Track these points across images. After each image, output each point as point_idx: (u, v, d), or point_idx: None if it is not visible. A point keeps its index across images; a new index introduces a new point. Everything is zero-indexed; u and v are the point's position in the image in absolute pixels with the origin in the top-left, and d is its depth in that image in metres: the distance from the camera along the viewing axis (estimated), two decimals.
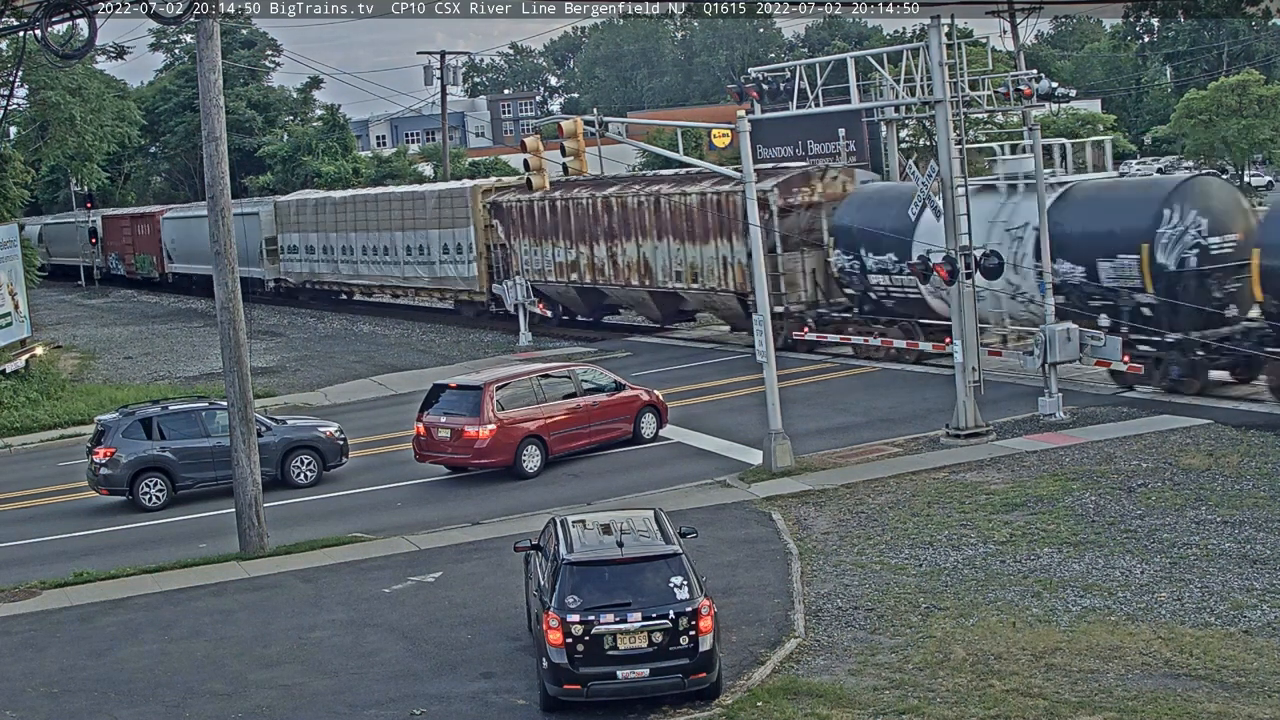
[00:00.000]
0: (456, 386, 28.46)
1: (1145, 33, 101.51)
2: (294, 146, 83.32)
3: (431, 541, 23.53)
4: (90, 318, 66.19)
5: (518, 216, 45.89)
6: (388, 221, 50.95)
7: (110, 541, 26.09)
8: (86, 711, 17.24)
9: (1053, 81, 30.56)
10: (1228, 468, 23.51)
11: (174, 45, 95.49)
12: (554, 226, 44.37)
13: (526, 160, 28.34)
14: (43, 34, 21.65)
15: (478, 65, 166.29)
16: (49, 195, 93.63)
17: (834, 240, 35.89)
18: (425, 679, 17.32)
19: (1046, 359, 28.28)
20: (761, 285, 26.96)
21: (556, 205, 44.04)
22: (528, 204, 44.92)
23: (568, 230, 43.95)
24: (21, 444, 36.42)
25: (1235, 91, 67.74)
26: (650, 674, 15.49)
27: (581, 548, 16.23)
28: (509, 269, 45.89)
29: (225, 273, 23.70)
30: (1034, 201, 29.34)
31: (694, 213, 38.91)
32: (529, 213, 45.34)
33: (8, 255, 43.33)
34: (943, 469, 25.13)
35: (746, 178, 27.00)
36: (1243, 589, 18.08)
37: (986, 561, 19.92)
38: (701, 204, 38.61)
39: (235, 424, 23.71)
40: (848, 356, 35.87)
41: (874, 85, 41.01)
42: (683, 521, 19.55)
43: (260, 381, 38.29)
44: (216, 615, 20.57)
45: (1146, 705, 14.90)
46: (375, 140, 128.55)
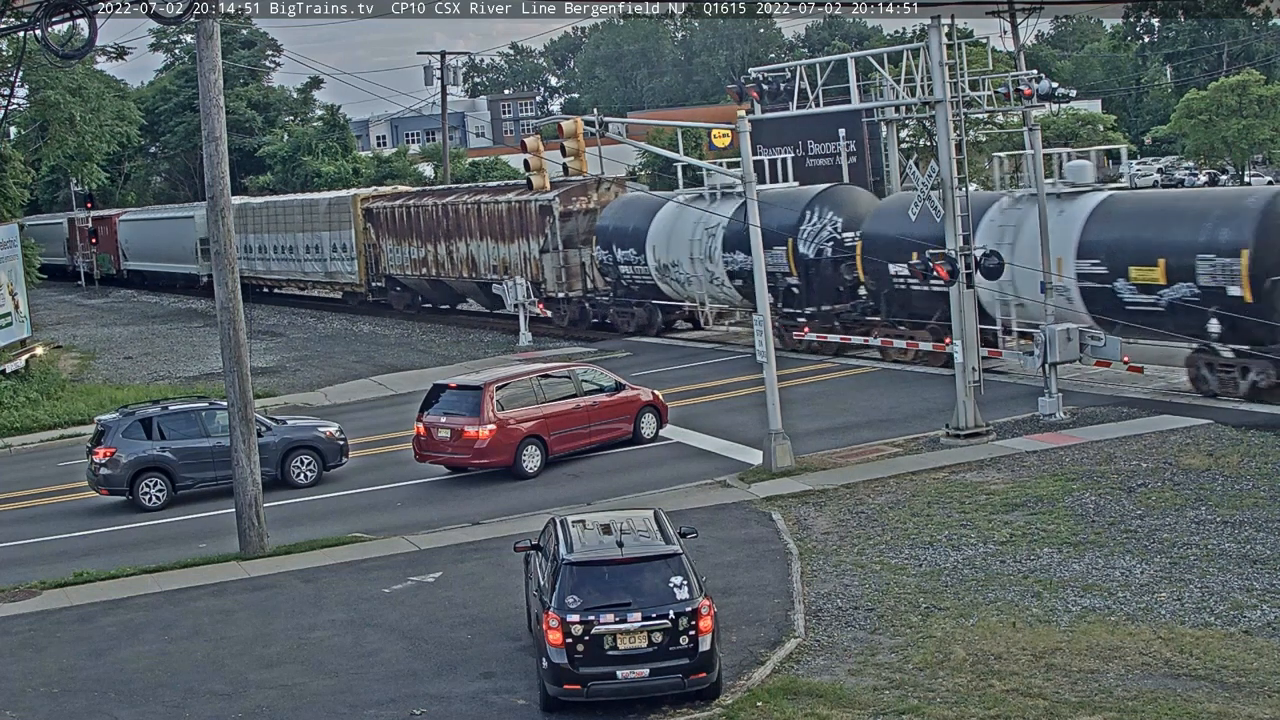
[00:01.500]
0: (456, 386, 28.47)
1: (1145, 33, 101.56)
2: (294, 146, 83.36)
3: (431, 541, 23.53)
4: (90, 318, 66.18)
5: (384, 220, 53.24)
6: (293, 225, 57.68)
7: (110, 541, 26.09)
8: (86, 711, 17.24)
9: (1053, 81, 30.53)
10: (1228, 468, 23.51)
11: (174, 45, 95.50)
12: (409, 229, 51.87)
13: (527, 160, 28.34)
14: (43, 34, 21.65)
15: (478, 65, 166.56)
16: (49, 195, 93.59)
17: (596, 239, 44.13)
18: (425, 679, 17.32)
19: (1046, 359, 28.29)
20: (761, 285, 26.94)
21: (411, 210, 51.61)
22: (390, 209, 52.64)
23: (419, 232, 51.41)
24: (21, 444, 36.42)
25: (1235, 91, 67.80)
26: (650, 674, 15.49)
27: (581, 548, 16.23)
28: (379, 265, 53.73)
29: (225, 273, 23.70)
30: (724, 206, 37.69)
31: (504, 218, 46.95)
32: (391, 217, 52.78)
33: (8, 255, 43.34)
34: (943, 469, 25.13)
35: (746, 178, 26.99)
36: (1243, 589, 18.08)
37: (986, 561, 19.92)
38: (509, 211, 46.61)
39: (235, 424, 23.71)
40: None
41: (874, 85, 40.99)
42: (683, 521, 19.54)
43: (260, 381, 38.29)
44: (216, 615, 20.57)
45: (1146, 705, 14.90)
46: (375, 140, 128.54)
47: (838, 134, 40.72)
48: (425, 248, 51.05)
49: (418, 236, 51.36)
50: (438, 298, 53.91)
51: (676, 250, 40.69)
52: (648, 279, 42.27)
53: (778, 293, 36.40)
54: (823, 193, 37.23)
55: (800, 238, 36.48)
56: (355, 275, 55.04)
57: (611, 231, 43.39)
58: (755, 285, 27.16)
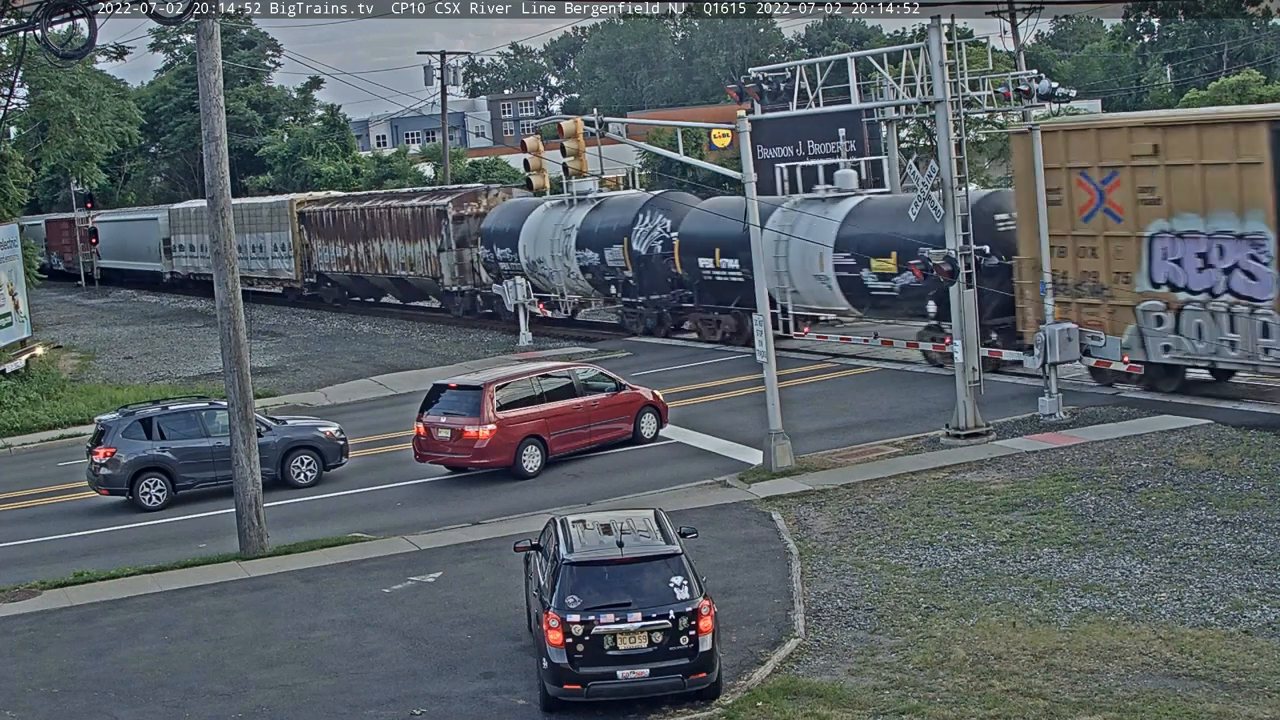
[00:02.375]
0: (456, 386, 28.47)
1: (1145, 33, 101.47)
2: (294, 146, 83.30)
3: (431, 541, 23.53)
4: (90, 318, 66.18)
5: (315, 223, 58.62)
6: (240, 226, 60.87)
7: (110, 541, 26.10)
8: (86, 711, 17.25)
9: (1053, 81, 30.51)
10: (1228, 468, 23.51)
11: (174, 45, 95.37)
12: (335, 230, 57.15)
13: (527, 160, 28.35)
14: (43, 34, 21.64)
15: (478, 65, 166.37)
16: (49, 195, 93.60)
17: (480, 239, 49.20)
18: (425, 679, 17.33)
19: (1046, 359, 28.29)
20: (761, 285, 26.96)
21: (336, 214, 57.23)
22: (320, 213, 58.27)
23: (343, 233, 56.67)
24: (21, 444, 36.43)
25: (1235, 91, 67.71)
26: (650, 674, 15.50)
27: (581, 548, 16.24)
28: (311, 263, 59.16)
29: (225, 273, 23.70)
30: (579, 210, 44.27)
31: (409, 221, 52.15)
32: (321, 220, 58.23)
33: (8, 255, 43.35)
34: (943, 469, 25.13)
35: (746, 178, 27.00)
36: (1243, 589, 18.08)
37: (986, 561, 19.92)
38: (412, 215, 51.85)
39: (235, 424, 23.71)
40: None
41: (874, 85, 40.94)
42: (683, 521, 19.54)
43: (260, 381, 38.28)
44: (216, 615, 20.57)
45: (1146, 705, 14.90)
46: (375, 140, 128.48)
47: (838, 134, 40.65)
48: (348, 247, 56.41)
49: (342, 237, 56.66)
50: (361, 291, 59.16)
51: (542, 249, 45.76)
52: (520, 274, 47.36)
53: (618, 284, 42.81)
54: (654, 198, 42.79)
55: (634, 237, 41.89)
56: (292, 272, 60.38)
57: (493, 233, 48.48)
58: (755, 285, 27.17)
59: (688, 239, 39.88)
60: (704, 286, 39.97)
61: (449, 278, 50.28)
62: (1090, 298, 29.76)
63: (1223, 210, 27.11)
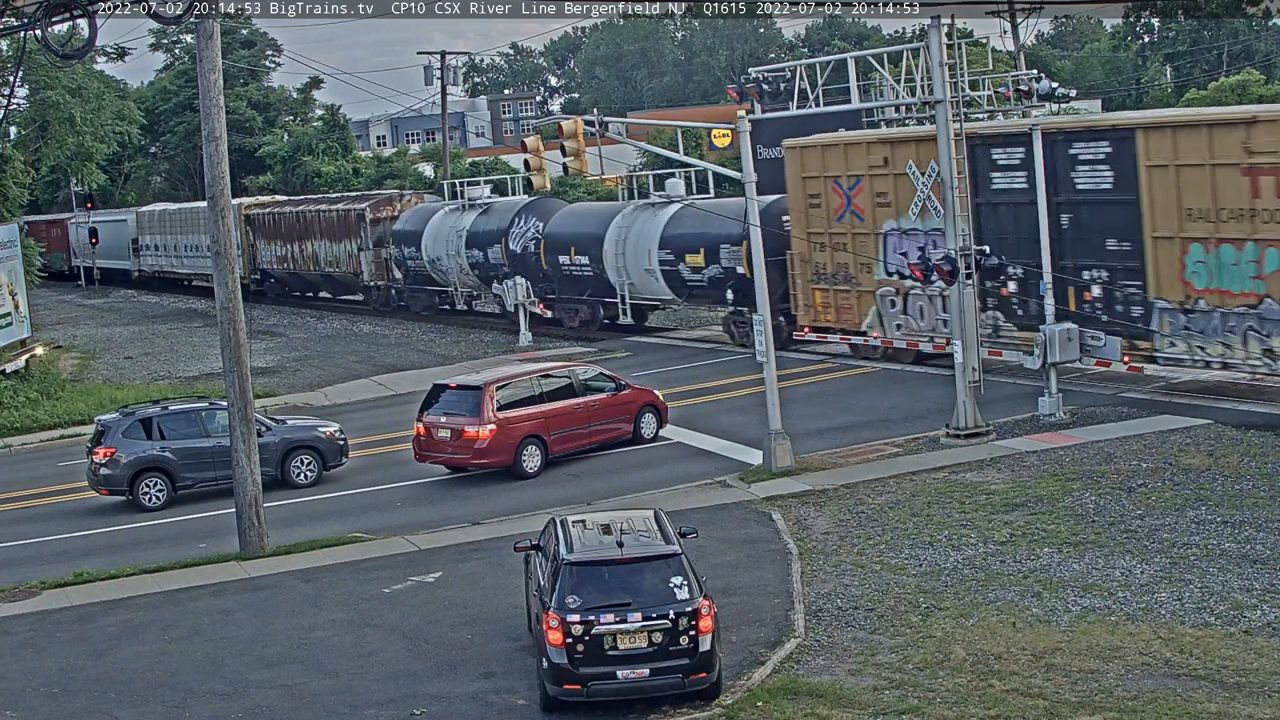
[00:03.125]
0: (456, 386, 28.47)
1: (1145, 33, 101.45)
2: (294, 146, 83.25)
3: (431, 541, 23.53)
4: (90, 318, 66.17)
5: (258, 224, 63.87)
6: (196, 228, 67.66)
7: (110, 541, 26.10)
8: (86, 711, 17.25)
9: (1053, 81, 30.55)
10: (1228, 468, 23.51)
11: (174, 45, 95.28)
12: (276, 231, 62.28)
13: (527, 160, 28.33)
14: (43, 34, 21.63)
15: (478, 65, 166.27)
16: (49, 195, 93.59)
17: (392, 240, 54.89)
18: (425, 679, 17.33)
19: (1046, 359, 28.29)
20: (761, 285, 26.95)
21: (275, 216, 62.66)
22: (262, 215, 63.68)
23: (281, 234, 61.87)
24: (21, 444, 36.42)
25: (1235, 91, 67.67)
26: (650, 674, 15.49)
27: (581, 548, 16.24)
28: (256, 261, 64.20)
29: (225, 273, 23.71)
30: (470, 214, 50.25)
31: (335, 223, 57.78)
32: (263, 221, 63.41)
33: (8, 255, 43.33)
34: (943, 469, 25.13)
35: (746, 178, 27.00)
36: (1243, 589, 18.08)
37: (986, 561, 19.92)
38: (337, 218, 57.42)
39: (235, 424, 23.71)
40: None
41: (874, 85, 40.97)
42: (683, 521, 19.53)
43: (260, 381, 38.28)
44: (216, 615, 20.57)
45: (1146, 705, 14.90)
46: (375, 140, 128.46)
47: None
48: (286, 247, 61.69)
49: (281, 238, 61.92)
50: (298, 287, 64.58)
51: (439, 248, 51.21)
52: (424, 271, 53.00)
53: (499, 278, 47.64)
54: (529, 204, 47.81)
55: (510, 238, 47.46)
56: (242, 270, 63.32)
57: (402, 234, 54.09)
58: (755, 285, 27.17)
59: (550, 239, 45.82)
60: (563, 280, 45.84)
61: (368, 274, 56.17)
62: (843, 285, 35.59)
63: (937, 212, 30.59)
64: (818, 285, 36.07)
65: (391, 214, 55.57)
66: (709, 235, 39.02)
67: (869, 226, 34.28)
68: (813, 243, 35.77)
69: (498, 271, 47.68)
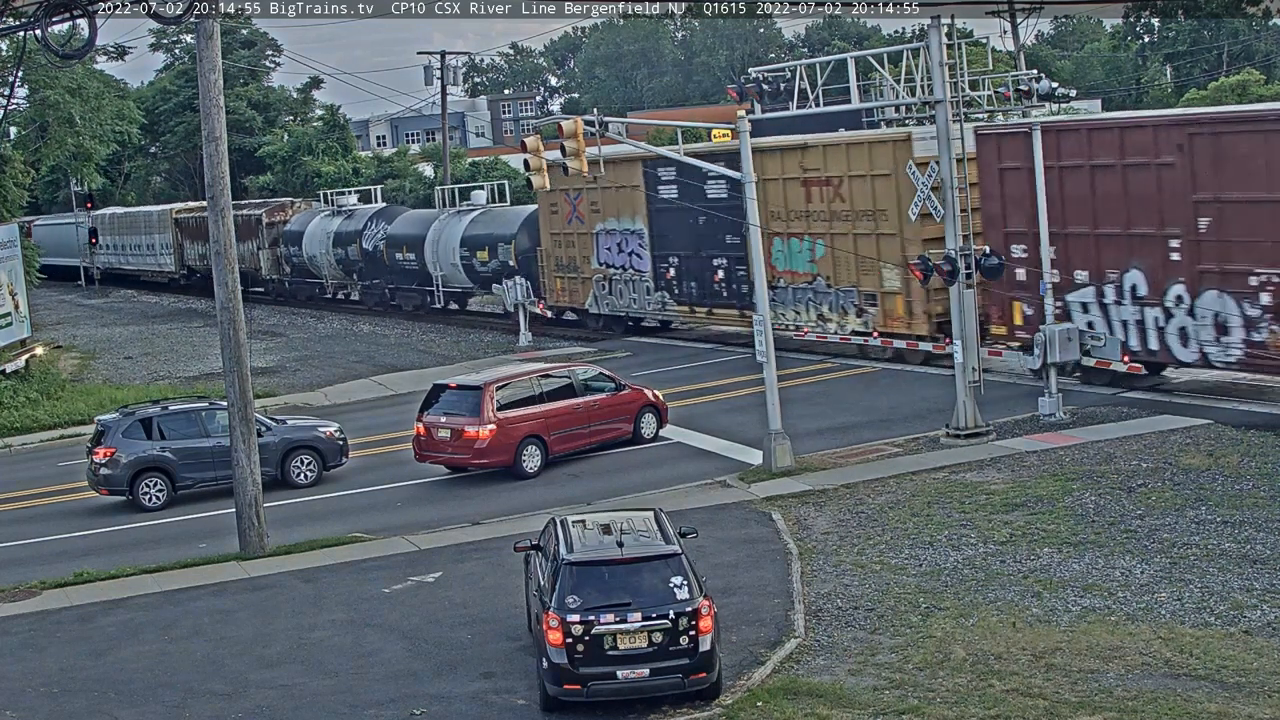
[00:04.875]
0: (456, 386, 28.47)
1: (1145, 33, 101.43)
2: (294, 146, 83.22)
3: (431, 541, 23.54)
4: (90, 318, 66.21)
5: (185, 227, 71.90)
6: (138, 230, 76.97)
7: (110, 541, 26.10)
8: (86, 711, 17.25)
9: (1053, 81, 30.52)
10: (1228, 468, 23.51)
11: (174, 45, 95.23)
12: (197, 233, 68.66)
13: (527, 160, 28.31)
14: (43, 34, 21.62)
15: (478, 65, 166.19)
16: (49, 195, 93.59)
17: (282, 240, 63.38)
18: (425, 679, 17.33)
19: (1046, 359, 28.30)
20: (761, 285, 26.96)
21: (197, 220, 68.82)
22: (188, 219, 71.33)
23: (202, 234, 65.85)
24: (21, 444, 36.42)
25: (1235, 91, 67.66)
26: (650, 674, 15.50)
27: (581, 548, 16.24)
28: (184, 258, 72.47)
29: (225, 273, 23.71)
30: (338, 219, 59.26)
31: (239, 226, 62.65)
32: (189, 224, 71.21)
33: (8, 255, 43.33)
34: (943, 469, 25.13)
35: (746, 178, 27.00)
36: (1243, 589, 18.08)
37: (986, 561, 19.92)
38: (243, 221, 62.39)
39: (235, 424, 23.71)
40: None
41: (874, 85, 40.95)
42: (683, 521, 19.54)
43: (260, 381, 38.28)
44: (216, 615, 20.57)
45: (1146, 705, 14.90)
46: (375, 140, 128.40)
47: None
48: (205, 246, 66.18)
49: (201, 238, 67.58)
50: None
51: (314, 247, 59.93)
52: (305, 266, 61.76)
53: (358, 273, 57.29)
54: (380, 210, 57.66)
55: (364, 238, 56.20)
56: (172, 266, 73.94)
57: (289, 235, 62.71)
58: (755, 286, 27.17)
59: (391, 240, 54.88)
60: (400, 273, 54.90)
61: (265, 268, 64.91)
62: (571, 274, 45.79)
63: (627, 217, 43.11)
64: (557, 274, 46.41)
65: (284, 218, 63.98)
66: (493, 236, 49.26)
67: (588, 228, 44.63)
68: (554, 241, 46.23)
69: (356, 267, 57.39)
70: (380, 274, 55.86)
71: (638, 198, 42.17)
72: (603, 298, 44.27)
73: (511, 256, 47.68)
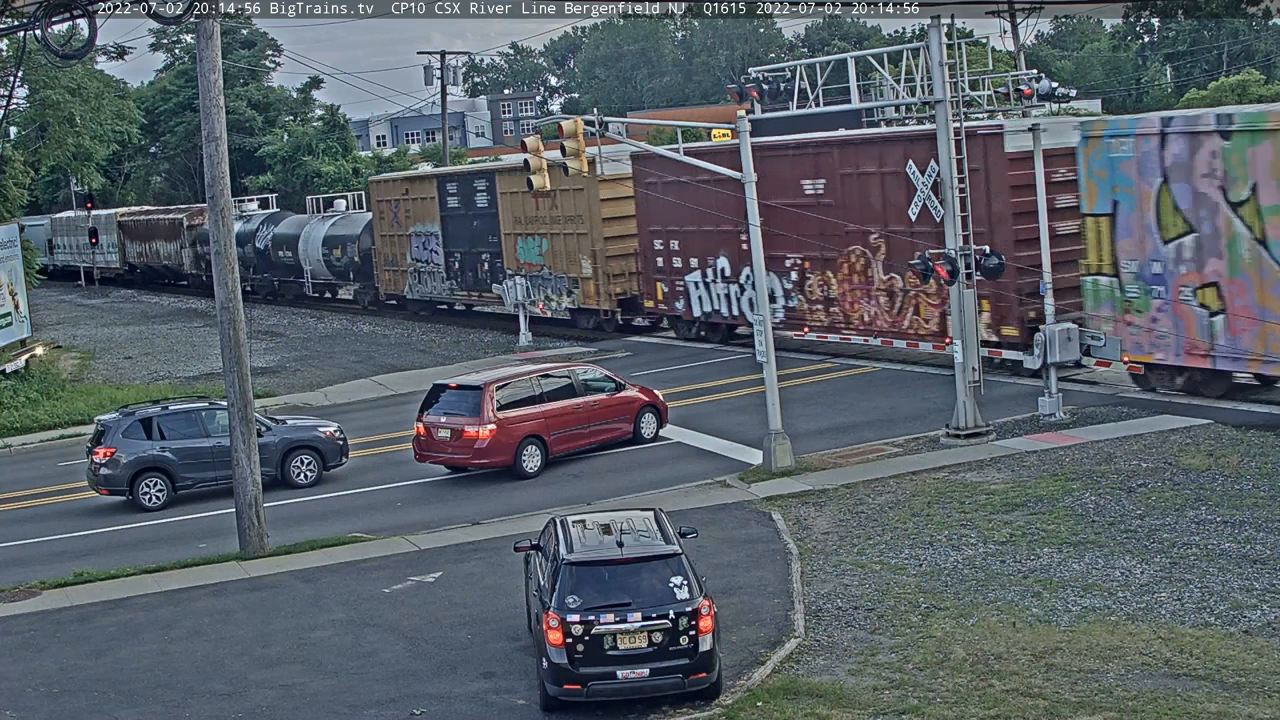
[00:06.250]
0: (456, 386, 28.46)
1: (1145, 33, 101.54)
2: (294, 146, 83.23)
3: (431, 541, 23.54)
4: (90, 318, 66.19)
5: (127, 228, 79.37)
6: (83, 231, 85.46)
7: (110, 541, 26.10)
8: (86, 711, 17.25)
9: (1053, 81, 30.48)
10: (1228, 468, 23.51)
11: (174, 45, 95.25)
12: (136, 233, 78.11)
13: (527, 160, 28.30)
14: (43, 34, 21.65)
15: (478, 65, 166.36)
16: (49, 195, 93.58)
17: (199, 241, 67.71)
18: (425, 679, 17.33)
19: (1046, 359, 28.31)
20: (761, 284, 26.95)
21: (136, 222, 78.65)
22: (130, 221, 79.48)
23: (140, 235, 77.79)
24: (21, 444, 36.41)
25: (1235, 91, 67.72)
26: (650, 674, 15.50)
27: (581, 548, 16.24)
28: (126, 256, 79.89)
29: (225, 273, 23.70)
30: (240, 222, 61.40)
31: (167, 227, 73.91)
32: (129, 226, 79.05)
33: (8, 255, 43.34)
34: (943, 469, 25.13)
35: (746, 178, 27.00)
36: (1243, 589, 18.09)
37: (986, 561, 19.92)
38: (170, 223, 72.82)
39: (235, 424, 23.71)
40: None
41: (874, 85, 40.95)
42: (683, 521, 19.55)
43: (260, 381, 38.28)
44: (216, 615, 20.58)
45: (1146, 705, 14.90)
46: (375, 140, 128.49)
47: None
48: (143, 245, 77.80)
49: (140, 238, 77.91)
50: (152, 275, 78.83)
51: None
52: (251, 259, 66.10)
53: (254, 269, 63.60)
54: (271, 214, 65.42)
55: (256, 238, 63.38)
56: (117, 263, 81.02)
57: (203, 235, 64.99)
58: (756, 286, 27.17)
59: (276, 240, 62.63)
60: (281, 269, 62.91)
61: (188, 266, 71.75)
62: (395, 267, 54.94)
63: (429, 221, 52.65)
64: (386, 268, 55.99)
65: (202, 222, 67.81)
66: (344, 237, 58.41)
67: (403, 230, 54.27)
68: (384, 241, 55.70)
69: (250, 262, 63.32)
70: (269, 269, 64.38)
71: (433, 206, 52.43)
72: (415, 286, 54.35)
73: (356, 253, 57.38)
